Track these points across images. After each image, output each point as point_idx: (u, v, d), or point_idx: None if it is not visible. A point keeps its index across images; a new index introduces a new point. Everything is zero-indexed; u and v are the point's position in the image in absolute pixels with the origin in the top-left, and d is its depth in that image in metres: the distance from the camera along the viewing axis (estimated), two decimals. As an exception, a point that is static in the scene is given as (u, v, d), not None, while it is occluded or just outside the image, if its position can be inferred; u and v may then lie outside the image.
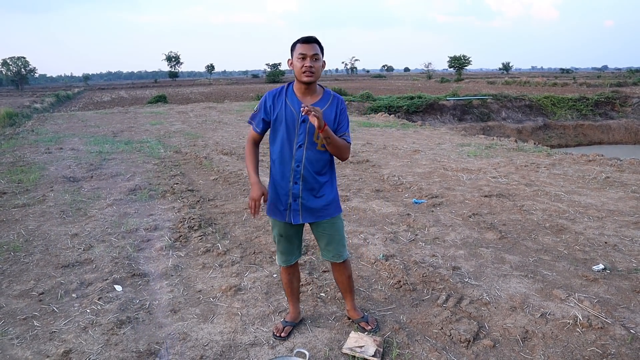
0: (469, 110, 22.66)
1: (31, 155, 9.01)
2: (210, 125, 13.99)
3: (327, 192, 2.47)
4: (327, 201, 2.47)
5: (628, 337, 2.62)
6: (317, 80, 2.36)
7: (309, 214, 2.46)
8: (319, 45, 2.32)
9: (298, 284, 2.79)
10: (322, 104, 2.38)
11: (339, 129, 2.40)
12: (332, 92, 2.46)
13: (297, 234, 2.60)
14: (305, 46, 2.28)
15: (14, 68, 75.80)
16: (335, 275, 2.74)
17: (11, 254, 4.01)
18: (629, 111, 23.81)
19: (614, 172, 6.88)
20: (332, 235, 2.55)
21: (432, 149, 9.52)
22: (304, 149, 2.37)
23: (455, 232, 4.42)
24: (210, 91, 41.13)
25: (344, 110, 2.43)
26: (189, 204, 5.43)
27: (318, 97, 2.40)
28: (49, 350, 2.63)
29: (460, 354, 2.54)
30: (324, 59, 2.38)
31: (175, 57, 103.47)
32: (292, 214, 2.46)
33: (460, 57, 66.72)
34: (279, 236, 2.57)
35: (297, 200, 2.43)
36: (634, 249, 3.93)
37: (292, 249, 2.63)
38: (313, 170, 2.40)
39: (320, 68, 2.34)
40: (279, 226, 2.54)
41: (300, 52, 2.28)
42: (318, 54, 2.30)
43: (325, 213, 2.48)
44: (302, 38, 2.31)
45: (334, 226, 2.54)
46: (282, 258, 2.65)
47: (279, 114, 2.39)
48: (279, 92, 2.44)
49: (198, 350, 2.62)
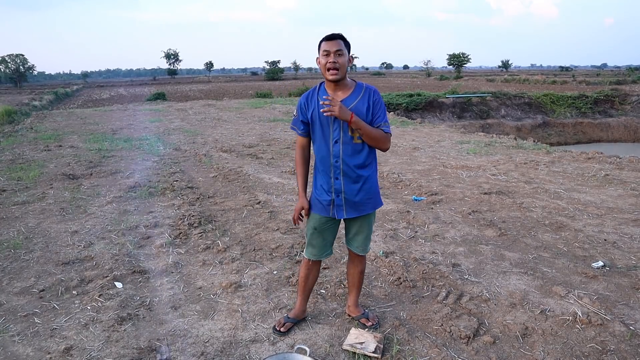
0: (468, 108, 22.66)
1: (30, 153, 9.00)
2: (209, 123, 13.97)
3: (369, 186, 2.47)
4: (369, 195, 2.48)
5: (627, 334, 2.63)
6: (345, 75, 2.37)
7: (352, 208, 2.47)
8: (344, 41, 2.33)
9: (313, 282, 2.78)
10: (353, 98, 2.38)
11: (375, 120, 2.39)
12: (364, 85, 2.45)
13: (332, 230, 2.61)
14: (329, 43, 2.30)
15: (12, 65, 75.54)
16: (350, 266, 2.75)
17: (11, 251, 4.02)
18: (628, 109, 23.82)
19: (613, 170, 6.89)
20: (362, 228, 2.58)
21: (432, 146, 9.52)
22: (340, 144, 2.38)
23: (455, 229, 4.42)
24: (209, 89, 41.08)
25: (377, 101, 2.40)
26: (188, 201, 5.43)
27: (349, 92, 2.40)
28: (49, 346, 2.63)
29: (461, 350, 2.55)
30: (352, 55, 2.39)
31: (174, 54, 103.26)
32: (336, 209, 2.48)
33: (460, 55, 66.66)
34: (313, 229, 2.58)
35: (339, 195, 2.44)
36: (633, 246, 3.94)
37: (325, 245, 2.63)
38: (352, 164, 2.40)
39: (346, 63, 2.33)
40: (315, 220, 2.55)
41: (324, 49, 2.30)
42: (342, 49, 2.30)
43: (367, 207, 2.50)
44: (327, 36, 2.34)
45: (367, 220, 2.57)
46: (312, 252, 2.64)
47: (313, 113, 2.42)
48: (311, 92, 2.48)
49: (199, 346, 2.62)
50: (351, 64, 2.40)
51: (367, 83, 2.48)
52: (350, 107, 2.33)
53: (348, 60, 2.35)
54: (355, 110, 2.33)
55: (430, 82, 45.74)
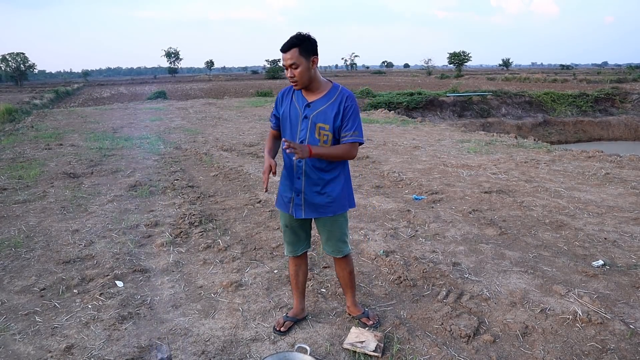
0: (468, 107, 22.65)
1: (31, 152, 9.01)
2: (210, 122, 13.97)
3: (331, 189, 2.45)
4: (330, 198, 2.46)
5: (627, 332, 2.63)
6: (309, 81, 2.31)
7: (311, 209, 2.47)
8: (301, 46, 2.22)
9: (304, 278, 2.79)
10: (323, 101, 2.36)
11: (343, 128, 2.35)
12: (339, 89, 2.39)
13: (302, 226, 2.62)
14: (283, 55, 2.25)
15: (13, 64, 75.57)
16: (337, 269, 2.75)
17: (12, 250, 4.02)
18: (628, 107, 23.80)
19: (613, 169, 6.89)
20: (331, 231, 2.56)
21: (432, 145, 9.52)
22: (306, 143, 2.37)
23: (455, 228, 4.43)
24: (210, 87, 41.07)
25: (349, 108, 2.33)
26: (189, 200, 5.44)
27: (322, 94, 2.38)
28: (51, 345, 2.64)
29: (461, 349, 2.55)
30: (314, 57, 2.27)
31: (175, 53, 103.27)
32: (295, 208, 2.49)
33: (460, 53, 66.56)
34: (284, 227, 2.63)
35: (299, 195, 2.45)
36: (634, 245, 3.94)
37: (298, 240, 2.65)
38: (315, 166, 2.40)
39: (305, 72, 2.26)
40: (284, 217, 2.59)
41: (282, 62, 2.28)
42: (295, 62, 2.22)
43: (327, 210, 2.48)
44: (281, 46, 2.24)
45: (336, 223, 2.55)
46: (288, 248, 2.69)
47: (285, 110, 2.43)
48: (288, 90, 2.48)
49: (199, 345, 2.63)
50: (315, 65, 2.30)
51: (344, 87, 2.42)
52: (318, 111, 2.33)
53: (311, 64, 2.27)
54: (321, 114, 2.33)
55: (431, 80, 45.70)
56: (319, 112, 2.33)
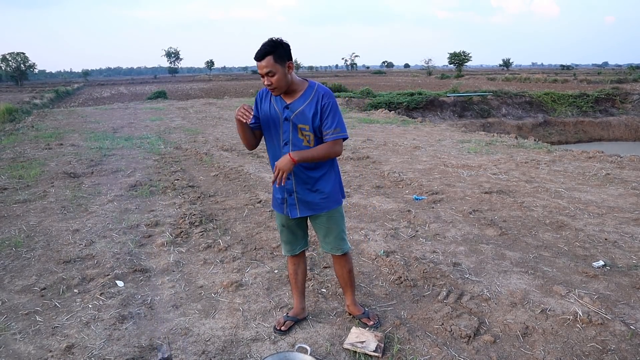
0: (469, 107, 22.63)
1: (31, 151, 9.01)
2: (210, 122, 13.98)
3: (322, 185, 2.47)
4: (323, 195, 2.47)
5: (628, 333, 2.63)
6: (286, 86, 2.29)
7: (305, 207, 2.49)
8: (274, 54, 2.18)
9: (303, 277, 2.80)
10: (300, 102, 2.34)
11: (323, 126, 2.34)
12: (315, 87, 2.36)
13: (299, 225, 2.63)
14: (257, 64, 2.22)
15: (13, 64, 75.56)
16: (336, 268, 2.76)
17: (13, 250, 4.03)
18: (629, 108, 23.78)
19: (614, 169, 6.89)
20: (329, 228, 2.57)
21: (433, 145, 9.52)
22: (290, 146, 2.38)
23: (455, 229, 4.43)
24: (210, 87, 41.07)
25: (327, 105, 2.31)
26: (189, 200, 5.44)
27: (299, 94, 2.35)
28: (51, 345, 2.64)
29: (461, 350, 2.55)
30: (290, 62, 2.25)
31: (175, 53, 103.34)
32: (289, 208, 2.50)
33: (461, 53, 66.54)
34: (281, 227, 2.65)
35: (292, 194, 2.47)
36: (634, 246, 3.94)
37: (296, 239, 2.67)
38: (302, 166, 2.40)
39: (282, 78, 2.23)
40: (280, 217, 2.61)
41: (258, 71, 2.25)
42: (271, 70, 2.19)
43: (321, 206, 2.49)
44: (255, 54, 2.20)
45: (332, 219, 2.56)
46: (286, 248, 2.71)
47: (265, 112, 2.42)
48: (267, 91, 2.44)
49: (200, 345, 2.63)
50: (291, 71, 2.28)
51: (320, 84, 2.39)
52: (297, 112, 2.32)
53: (287, 69, 2.24)
54: (300, 114, 2.32)
55: (431, 80, 45.69)
56: (297, 114, 2.32)
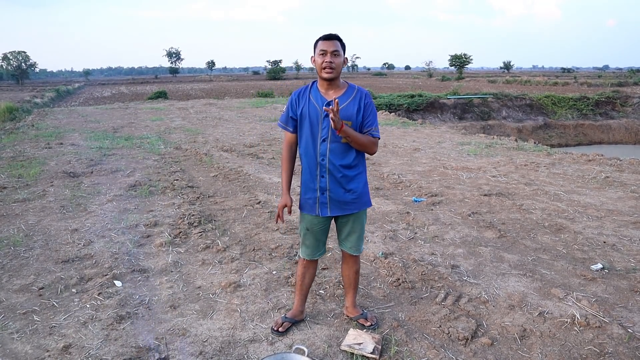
0: (469, 109, 22.64)
1: (31, 150, 9.01)
2: (210, 122, 13.98)
3: (355, 185, 2.49)
4: (355, 194, 2.49)
5: (625, 336, 2.63)
6: (339, 75, 2.40)
7: (337, 207, 2.50)
8: (341, 43, 2.36)
9: (310, 282, 2.79)
10: (344, 98, 2.40)
11: (365, 124, 2.42)
12: (356, 87, 2.48)
13: (324, 230, 2.62)
14: (326, 42, 2.33)
15: (14, 62, 75.66)
16: (344, 267, 2.76)
17: (11, 249, 4.02)
18: (629, 111, 23.79)
19: (613, 172, 6.89)
20: (353, 227, 2.59)
21: (432, 147, 9.52)
22: (328, 142, 2.40)
23: (454, 231, 4.43)
24: (211, 87, 41.11)
25: (369, 105, 2.43)
26: (189, 201, 5.44)
27: (341, 92, 2.43)
28: (48, 344, 2.64)
29: (459, 352, 2.55)
30: (346, 57, 2.43)
31: (176, 53, 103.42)
32: (321, 207, 2.50)
33: (461, 56, 66.61)
34: (305, 230, 2.61)
35: (324, 193, 2.47)
36: (633, 249, 3.94)
37: (318, 245, 2.65)
38: (339, 163, 2.42)
39: (341, 64, 2.37)
40: (307, 220, 2.58)
41: (321, 49, 2.33)
42: (338, 50, 2.34)
43: (353, 206, 2.51)
44: (324, 35, 2.36)
45: (358, 220, 2.58)
46: (306, 252, 2.67)
47: (303, 110, 2.44)
48: (303, 90, 2.50)
49: (197, 345, 2.63)
50: (346, 64, 2.44)
51: (359, 85, 2.51)
52: (341, 107, 2.35)
53: (343, 61, 2.39)
54: (345, 110, 2.37)
55: (432, 82, 45.73)
56: (342, 109, 2.36)
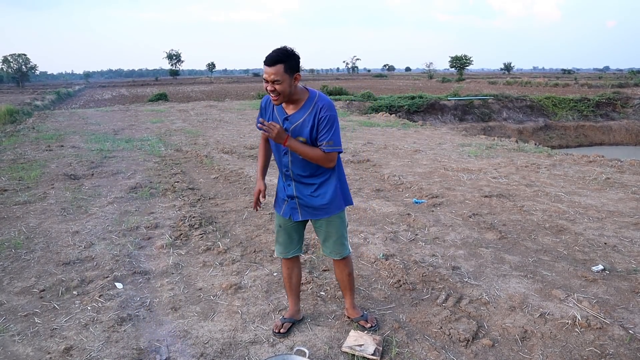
0: (470, 110, 22.65)
1: (32, 153, 9.03)
2: (211, 124, 14.00)
3: (324, 191, 2.47)
4: (325, 200, 2.48)
5: (626, 338, 2.63)
6: (288, 96, 2.26)
7: (307, 212, 2.51)
8: (285, 64, 2.15)
9: (298, 281, 2.80)
10: (300, 115, 2.33)
11: (319, 139, 2.32)
12: (315, 99, 2.32)
13: (297, 229, 2.64)
14: (267, 69, 2.16)
15: (14, 65, 75.80)
16: (336, 271, 2.77)
17: (12, 251, 4.03)
18: (630, 112, 23.79)
19: (614, 173, 6.89)
20: (328, 233, 2.58)
21: (433, 148, 9.53)
22: (289, 156, 2.41)
23: (455, 232, 4.43)
24: (211, 89, 41.18)
25: (324, 119, 2.28)
26: (189, 202, 5.44)
27: (299, 106, 2.34)
28: (49, 346, 2.64)
29: (460, 353, 2.55)
30: (298, 73, 2.23)
31: (177, 55, 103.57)
32: (292, 212, 2.53)
33: (462, 57, 66.71)
34: (278, 227, 2.66)
35: (293, 199, 2.50)
36: (634, 250, 3.94)
37: (291, 243, 2.67)
38: (303, 174, 2.43)
39: (287, 88, 2.21)
40: (280, 218, 2.63)
41: (264, 76, 2.21)
42: (278, 78, 2.15)
43: (323, 212, 2.50)
44: (265, 59, 2.16)
45: (332, 224, 2.56)
46: (279, 249, 2.70)
47: (268, 120, 2.43)
48: (270, 99, 2.43)
49: (198, 347, 2.63)
50: (297, 82, 2.26)
51: (321, 94, 2.36)
52: (295, 124, 2.32)
53: (293, 81, 2.22)
54: (298, 127, 2.32)
55: (432, 84, 45.74)
56: (296, 126, 2.33)
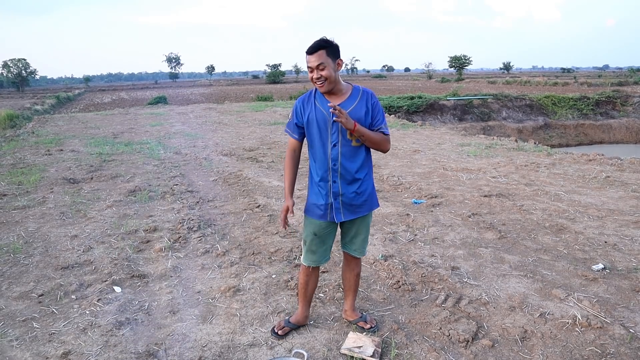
0: (469, 110, 22.64)
1: (31, 157, 9.02)
2: (210, 126, 14.00)
3: (365, 187, 2.48)
4: (365, 196, 2.49)
5: (627, 337, 2.62)
6: (335, 83, 2.32)
7: (349, 211, 2.48)
8: (328, 49, 2.25)
9: (313, 287, 2.75)
10: (350, 102, 2.37)
11: (375, 123, 2.40)
12: (361, 88, 2.43)
13: (332, 234, 2.59)
14: (310, 57, 2.26)
15: (14, 70, 75.87)
16: (345, 270, 2.75)
17: (11, 256, 4.02)
18: (630, 110, 23.76)
19: (614, 172, 6.87)
20: (360, 230, 2.58)
21: (432, 149, 9.52)
22: (339, 147, 2.38)
23: (454, 232, 4.41)
24: (211, 92, 41.17)
25: (376, 104, 2.40)
26: (188, 205, 5.44)
27: (346, 96, 2.38)
28: (48, 351, 2.63)
29: (459, 354, 2.54)
30: (340, 59, 2.31)
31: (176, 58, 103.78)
32: (335, 213, 2.47)
33: (461, 57, 66.71)
34: (312, 235, 2.54)
35: (337, 198, 2.44)
36: (634, 249, 3.92)
37: (325, 250, 2.60)
38: (350, 167, 2.41)
39: (332, 73, 2.27)
40: (314, 225, 2.53)
41: (308, 65, 2.28)
42: (323, 62, 2.23)
43: (363, 208, 2.51)
44: (308, 48, 2.26)
45: (364, 222, 2.58)
46: (311, 258, 2.60)
47: (309, 116, 2.41)
48: (308, 96, 2.46)
49: (197, 351, 2.62)
50: (340, 68, 2.33)
51: (362, 86, 2.47)
52: (349, 111, 2.32)
53: (336, 66, 2.30)
54: (353, 114, 2.33)
55: (432, 84, 45.73)
56: (349, 113, 2.32)
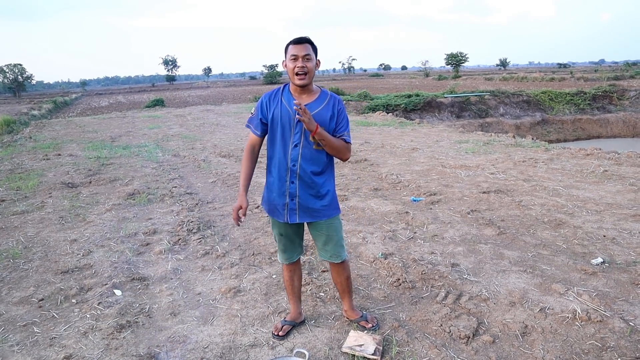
0: (466, 107, 22.66)
1: (29, 162, 9.01)
2: (208, 128, 13.99)
3: (324, 192, 2.45)
4: (325, 201, 2.45)
5: (627, 330, 2.62)
6: (311, 80, 2.35)
7: (306, 213, 2.45)
8: (312, 45, 2.30)
9: (299, 283, 2.79)
10: (317, 104, 2.36)
11: (337, 130, 2.38)
12: (329, 92, 2.44)
13: (297, 232, 2.60)
14: (297, 47, 2.27)
15: (10, 75, 75.70)
16: (333, 275, 2.74)
17: (10, 261, 4.02)
18: (626, 104, 23.81)
19: (612, 166, 6.89)
20: (329, 236, 2.54)
21: (430, 146, 9.53)
22: (300, 148, 2.35)
23: (453, 229, 4.42)
24: (208, 94, 41.13)
25: (342, 110, 2.40)
26: (187, 207, 5.44)
27: (314, 97, 2.38)
28: (49, 356, 2.63)
29: (460, 350, 2.54)
30: (319, 59, 2.35)
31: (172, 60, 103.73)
32: (289, 214, 2.44)
33: (457, 54, 66.73)
34: (279, 235, 2.58)
35: (294, 199, 2.42)
36: (633, 242, 3.93)
37: (293, 247, 2.63)
38: (309, 169, 2.38)
39: (314, 68, 2.32)
40: (278, 225, 2.55)
41: (292, 54, 2.27)
42: (310, 54, 2.27)
43: (323, 213, 2.47)
44: (294, 39, 2.30)
45: (332, 226, 2.53)
46: (283, 256, 2.66)
47: (274, 113, 2.38)
48: (275, 93, 2.45)
49: (198, 352, 2.62)
50: (318, 67, 2.38)
51: (331, 91, 2.48)
52: (314, 113, 2.31)
53: (316, 65, 2.33)
54: (318, 117, 2.32)
55: (429, 82, 45.75)
56: (314, 115, 2.31)
